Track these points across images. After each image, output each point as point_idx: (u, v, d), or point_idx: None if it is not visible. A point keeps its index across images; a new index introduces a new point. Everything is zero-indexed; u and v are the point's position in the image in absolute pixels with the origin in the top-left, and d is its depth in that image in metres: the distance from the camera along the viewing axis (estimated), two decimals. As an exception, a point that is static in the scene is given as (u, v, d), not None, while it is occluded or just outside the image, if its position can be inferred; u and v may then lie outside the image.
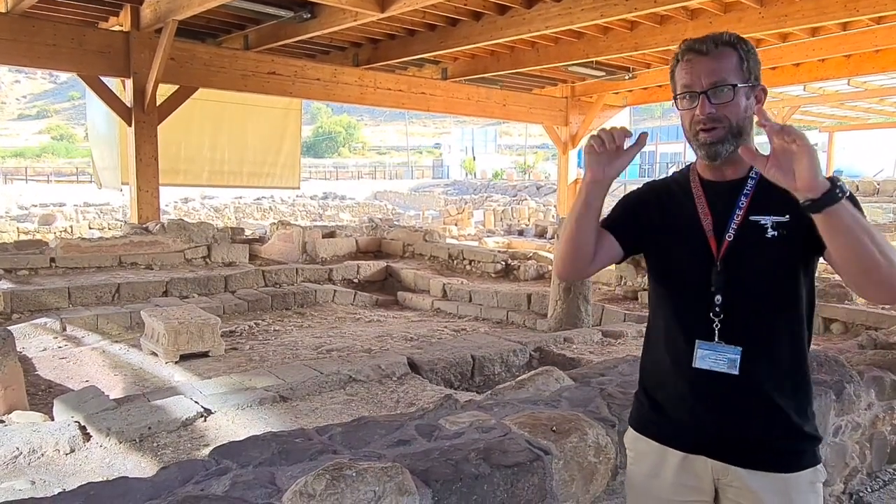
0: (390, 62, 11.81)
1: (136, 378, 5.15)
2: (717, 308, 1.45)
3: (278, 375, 4.48)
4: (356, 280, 9.66)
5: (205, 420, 3.78)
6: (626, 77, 13.57)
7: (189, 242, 9.01)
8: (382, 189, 37.77)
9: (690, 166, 1.60)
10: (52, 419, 3.84)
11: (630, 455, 1.65)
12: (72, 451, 3.37)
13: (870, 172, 30.59)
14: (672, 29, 9.73)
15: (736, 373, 1.43)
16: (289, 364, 5.15)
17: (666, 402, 1.54)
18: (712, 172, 1.52)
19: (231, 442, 2.00)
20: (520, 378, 2.79)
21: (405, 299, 9.04)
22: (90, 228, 17.24)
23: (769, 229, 1.42)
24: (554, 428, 1.98)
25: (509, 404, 2.28)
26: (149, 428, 3.59)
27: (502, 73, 13.02)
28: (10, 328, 5.00)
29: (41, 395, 4.68)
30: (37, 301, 6.83)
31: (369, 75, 12.11)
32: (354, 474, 1.51)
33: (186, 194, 24.01)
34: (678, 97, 1.49)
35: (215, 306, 7.23)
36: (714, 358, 1.45)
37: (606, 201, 1.52)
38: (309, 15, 9.17)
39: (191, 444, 3.51)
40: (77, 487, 1.67)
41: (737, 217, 1.45)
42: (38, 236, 14.36)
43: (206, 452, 1.93)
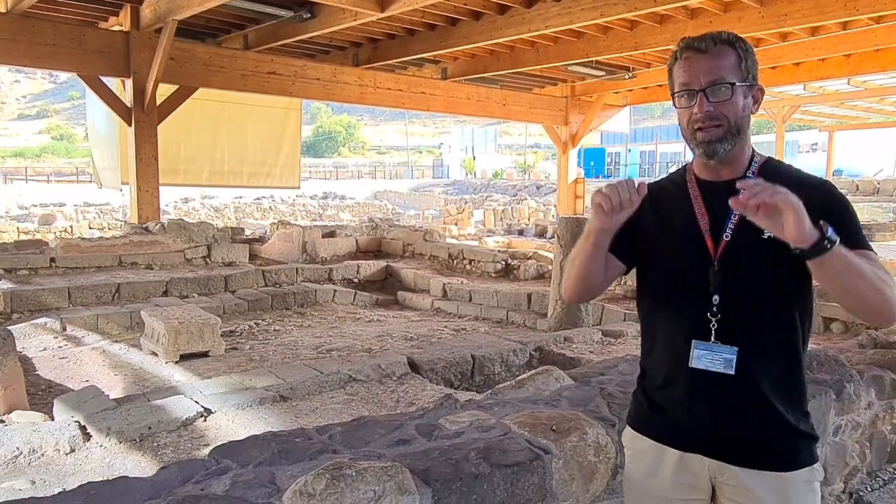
0: (390, 62, 11.81)
1: (136, 378, 5.15)
2: (715, 308, 1.45)
3: (278, 375, 4.48)
4: (356, 280, 9.65)
5: (205, 420, 3.78)
6: (626, 76, 13.57)
7: (189, 242, 9.01)
8: (382, 189, 37.75)
9: (687, 166, 1.61)
10: (52, 419, 3.84)
11: (628, 454, 1.66)
12: (72, 451, 3.37)
13: (870, 172, 30.61)
14: (672, 28, 9.73)
15: (732, 373, 1.44)
16: (289, 364, 5.15)
17: (664, 402, 1.55)
18: (709, 172, 1.52)
19: (231, 441, 2.00)
20: (520, 377, 2.79)
21: (405, 299, 9.04)
22: (90, 228, 17.25)
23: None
24: (554, 427, 1.98)
25: (509, 404, 2.28)
26: (149, 428, 3.60)
27: (502, 73, 13.02)
28: (10, 328, 5.00)
29: (41, 395, 4.68)
30: (37, 301, 6.83)
31: (369, 75, 12.11)
32: (354, 474, 1.51)
33: (186, 194, 24.01)
34: (676, 95, 1.49)
35: (215, 306, 7.23)
36: (710, 358, 1.45)
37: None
38: (309, 15, 9.17)
39: (191, 444, 3.51)
40: (77, 487, 1.67)
41: (734, 217, 1.45)
42: (38, 236, 14.36)
43: (206, 452, 1.93)
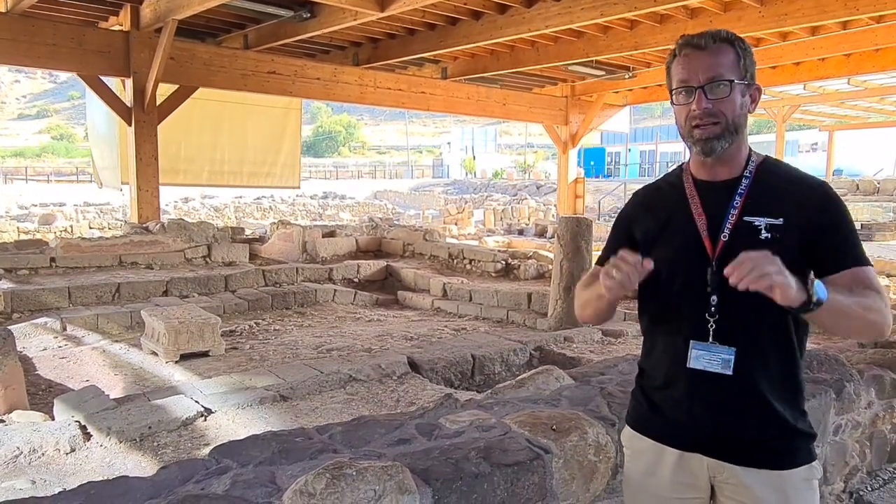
0: (390, 61, 11.81)
1: (137, 377, 5.15)
2: (713, 308, 1.45)
3: (278, 375, 4.48)
4: (356, 279, 9.65)
5: (205, 419, 3.78)
6: (626, 76, 13.58)
7: (189, 242, 9.01)
8: (382, 188, 37.75)
9: (683, 166, 1.61)
10: (53, 419, 3.85)
11: (627, 453, 1.66)
12: (72, 451, 3.37)
13: (870, 171, 30.60)
14: (672, 28, 9.73)
15: (730, 373, 1.43)
16: (289, 363, 5.15)
17: (663, 403, 1.55)
18: (706, 172, 1.52)
19: (231, 441, 2.00)
20: (520, 377, 2.79)
21: (405, 298, 9.04)
22: (90, 228, 17.27)
23: (763, 231, 1.42)
24: (554, 427, 1.98)
25: (509, 403, 2.28)
26: (149, 427, 3.60)
27: (502, 73, 13.02)
28: (11, 328, 5.00)
29: (41, 395, 4.68)
30: (37, 301, 6.83)
31: (369, 75, 12.11)
32: (354, 473, 1.51)
33: (186, 194, 24.02)
34: (674, 92, 1.48)
35: (215, 306, 7.23)
36: (708, 358, 1.45)
37: (606, 200, 1.53)
38: (309, 14, 9.18)
39: (191, 444, 3.51)
40: (77, 487, 1.67)
41: (731, 217, 1.45)
42: (39, 236, 14.36)
43: (207, 452, 1.93)
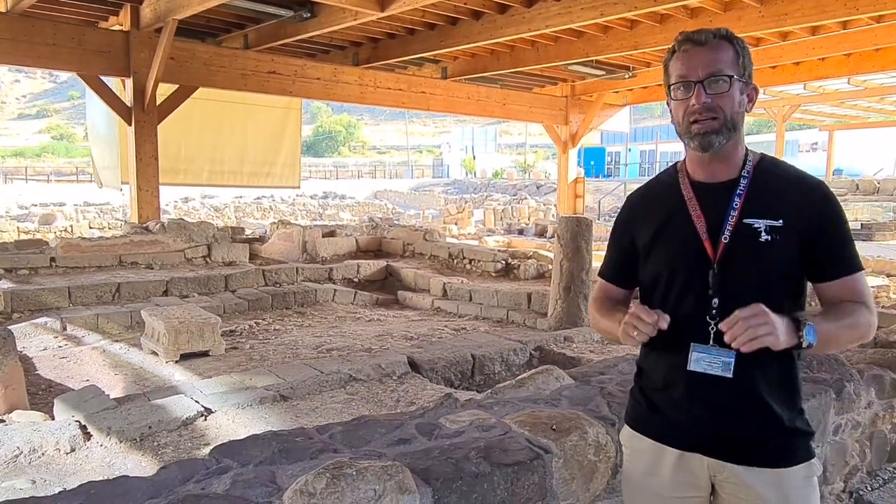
0: (390, 61, 11.81)
1: (137, 377, 5.15)
2: (714, 311, 1.44)
3: (279, 375, 4.49)
4: (356, 279, 9.65)
5: (205, 419, 3.78)
6: (626, 76, 13.58)
7: (189, 242, 9.01)
8: (382, 188, 37.73)
9: (677, 166, 1.59)
10: (53, 418, 3.85)
11: (626, 452, 1.65)
12: (72, 451, 3.37)
13: (870, 171, 30.60)
14: (672, 28, 9.73)
15: (730, 376, 1.43)
16: (289, 363, 5.15)
17: (662, 403, 1.55)
18: (703, 172, 1.51)
19: (231, 441, 2.00)
20: (520, 377, 2.79)
21: (405, 298, 9.04)
22: (90, 228, 17.27)
23: (763, 233, 1.42)
24: (554, 426, 1.98)
25: (509, 403, 2.28)
26: (149, 427, 3.60)
27: (502, 73, 13.02)
28: (11, 328, 5.01)
29: (41, 395, 4.68)
30: (37, 300, 6.83)
31: (369, 74, 12.11)
32: (355, 473, 1.51)
33: (186, 194, 24.01)
34: (672, 87, 1.47)
35: (215, 305, 7.23)
36: (708, 361, 1.45)
37: (606, 200, 1.53)
38: (309, 14, 9.17)
39: (191, 444, 3.51)
40: (77, 486, 1.66)
41: (731, 219, 1.44)
42: (39, 236, 14.36)
43: (207, 451, 1.93)
